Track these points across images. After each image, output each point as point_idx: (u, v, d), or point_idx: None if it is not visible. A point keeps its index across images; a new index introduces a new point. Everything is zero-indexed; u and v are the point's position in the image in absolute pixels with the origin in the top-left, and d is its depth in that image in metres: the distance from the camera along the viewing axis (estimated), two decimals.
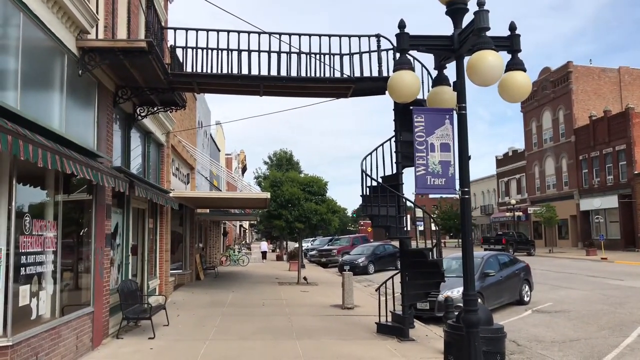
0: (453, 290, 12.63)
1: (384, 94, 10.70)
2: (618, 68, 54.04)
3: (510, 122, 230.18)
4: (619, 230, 45.27)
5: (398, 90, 5.83)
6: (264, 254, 45.41)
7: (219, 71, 10.05)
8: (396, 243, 42.40)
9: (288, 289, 19.09)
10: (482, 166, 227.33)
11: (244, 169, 70.24)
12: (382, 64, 10.24)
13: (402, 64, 5.92)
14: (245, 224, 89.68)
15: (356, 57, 10.44)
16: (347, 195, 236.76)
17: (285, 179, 21.40)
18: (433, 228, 12.49)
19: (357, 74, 10.20)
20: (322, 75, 10.08)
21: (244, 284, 21.08)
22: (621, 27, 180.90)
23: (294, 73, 10.04)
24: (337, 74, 10.12)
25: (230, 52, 10.19)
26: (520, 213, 55.86)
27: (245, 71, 10.02)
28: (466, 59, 5.97)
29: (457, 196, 5.82)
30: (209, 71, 10.03)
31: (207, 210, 25.81)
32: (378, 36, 10.23)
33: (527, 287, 15.21)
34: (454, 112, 5.93)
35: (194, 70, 10.06)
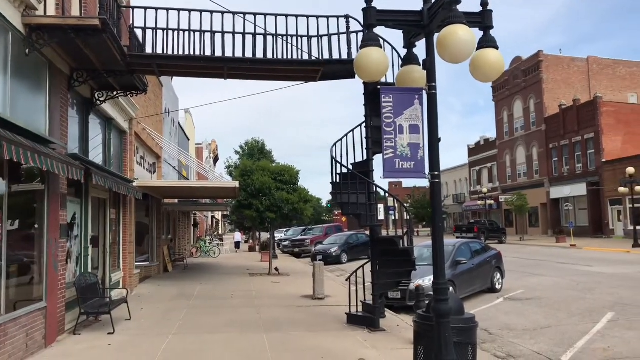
0: (424, 279, 12.43)
1: (354, 77, 10.35)
2: (587, 58, 54.73)
3: (483, 112, 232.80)
4: (587, 218, 46.03)
5: (365, 68, 5.47)
6: (237, 244, 44.91)
7: (182, 52, 9.55)
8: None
9: (259, 280, 18.72)
10: (454, 155, 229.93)
11: (215, 159, 69.29)
12: (352, 46, 9.88)
13: (369, 41, 5.56)
14: (218, 215, 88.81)
15: (325, 40, 10.07)
16: (321, 186, 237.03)
17: (256, 167, 20.95)
18: (404, 216, 12.29)
19: (326, 56, 9.82)
20: (290, 57, 9.67)
21: (214, 276, 20.63)
22: (591, 17, 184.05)
23: (260, 55, 9.61)
24: (306, 57, 9.72)
25: (192, 32, 9.69)
26: (492, 201, 56.45)
27: (208, 53, 9.55)
28: (436, 36, 5.65)
29: (427, 180, 5.51)
30: (169, 52, 9.52)
31: (176, 201, 25.21)
32: (347, 17, 9.85)
33: (498, 274, 15.13)
34: (424, 92, 5.61)
35: (154, 52, 9.53)
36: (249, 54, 9.59)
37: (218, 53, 9.54)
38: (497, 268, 15.14)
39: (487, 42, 5.65)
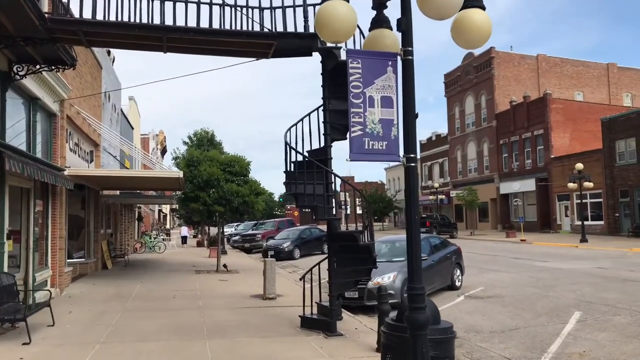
0: (384, 277, 11.63)
1: (311, 54, 9.36)
2: (536, 55, 55.61)
3: (432, 109, 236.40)
4: (536, 213, 46.76)
5: (329, 24, 4.48)
6: (183, 239, 43.23)
7: (114, 19, 8.26)
8: (323, 227, 41.54)
9: (205, 278, 17.50)
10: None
11: (163, 151, 66.90)
12: (309, 19, 8.84)
13: None
14: (166, 209, 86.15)
15: (279, 13, 8.99)
16: (273, 180, 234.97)
17: (203, 157, 19.66)
18: (359, 211, 11.42)
19: (280, 30, 8.76)
20: (239, 28, 8.55)
21: (156, 273, 19.24)
22: (537, 19, 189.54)
23: (204, 25, 8.44)
24: (257, 28, 8.63)
25: None
26: (443, 196, 56.76)
27: (145, 21, 8.30)
28: None
29: (402, 163, 4.57)
30: (99, 19, 8.21)
31: (117, 193, 23.55)
32: None
33: (458, 271, 14.50)
34: (399, 57, 4.65)
35: (81, 17, 8.21)
36: (192, 24, 8.42)
37: (157, 22, 8.32)
38: (457, 264, 14.51)
39: (471, 1, 4.73)
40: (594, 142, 41.47)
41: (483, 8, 4.77)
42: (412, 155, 4.57)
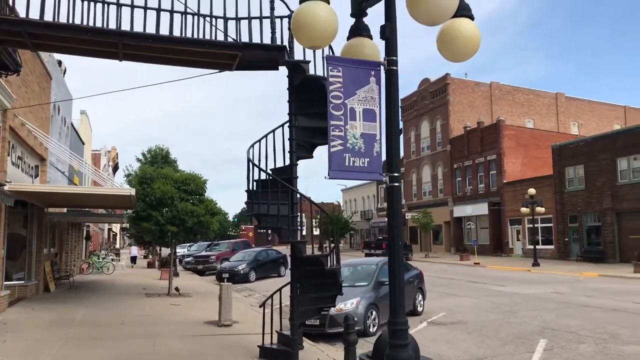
0: (346, 303, 11.16)
1: (277, 68, 8.94)
2: (490, 83, 57.17)
3: None
4: (488, 236, 47.45)
5: (308, 27, 4.06)
6: (133, 259, 41.64)
7: (65, 21, 7.60)
8: (280, 248, 40.62)
9: (156, 302, 16.57)
10: None
11: (115, 168, 64.76)
12: (276, 31, 8.44)
13: None
14: (116, 228, 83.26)
15: (244, 24, 8.55)
16: (228, 200, 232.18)
17: (157, 175, 18.78)
18: (316, 232, 10.98)
19: (246, 40, 8.30)
20: (202, 37, 8.05)
21: (104, 296, 18.12)
22: (489, 50, 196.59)
23: (164, 32, 7.90)
24: (221, 37, 8.14)
25: (80, 1, 7.79)
26: None
27: (99, 25, 7.69)
28: None
29: (384, 183, 4.16)
30: (49, 19, 7.54)
31: (64, 210, 22.29)
32: None
33: (420, 296, 14.19)
34: (382, 67, 4.27)
35: (27, 17, 7.52)
36: (151, 30, 7.86)
37: (112, 26, 7.72)
38: (419, 289, 14.21)
39: (460, 9, 4.41)
40: (545, 168, 42.61)
41: (472, 18, 4.47)
42: (395, 174, 4.18)
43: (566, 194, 38.01)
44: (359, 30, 4.92)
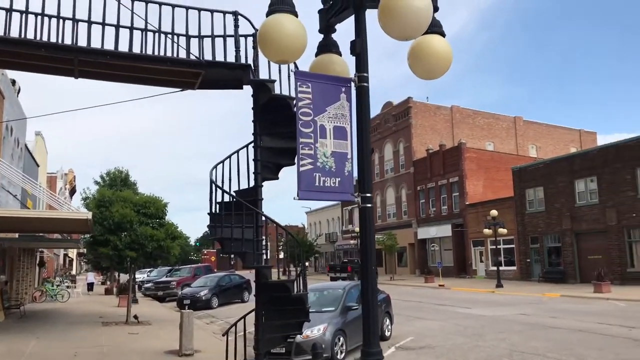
0: (313, 329, 10.81)
1: (242, 87, 8.69)
2: (451, 107, 58.29)
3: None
4: (452, 258, 47.79)
5: (276, 40, 3.85)
6: (90, 286, 40.23)
7: (18, 35, 7.19)
8: (243, 272, 39.83)
9: (113, 331, 15.84)
10: None
11: (72, 191, 62.85)
12: (241, 49, 8.22)
13: (282, 5, 3.96)
14: (73, 253, 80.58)
15: (208, 42, 8.30)
16: (191, 223, 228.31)
17: (115, 198, 18.16)
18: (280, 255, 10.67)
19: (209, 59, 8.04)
20: (162, 54, 7.75)
21: (57, 326, 17.24)
22: (447, 75, 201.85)
23: (124, 49, 7.57)
24: (183, 54, 7.86)
25: (33, 16, 7.41)
26: None
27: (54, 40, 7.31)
28: (369, 12, 4.22)
29: (357, 204, 3.94)
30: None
31: (16, 235, 21.29)
32: (236, 14, 8.21)
33: (388, 320, 13.96)
34: (352, 84, 4.08)
35: None
36: (109, 47, 7.52)
37: (68, 42, 7.35)
38: (386, 313, 13.98)
39: (432, 26, 4.27)
40: (505, 190, 43.37)
41: (443, 35, 4.34)
42: (367, 195, 3.97)
43: (527, 215, 38.69)
44: (327, 46, 4.74)
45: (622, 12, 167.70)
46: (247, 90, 8.58)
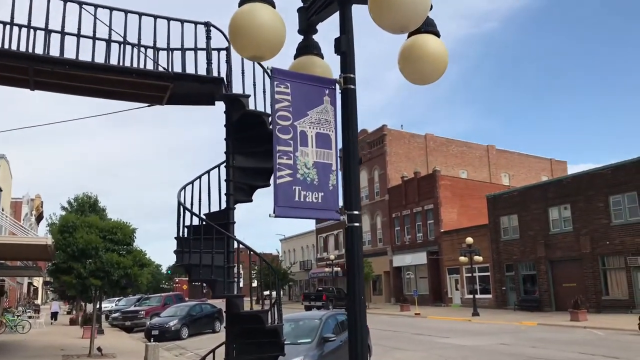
0: None
1: (214, 103, 8.18)
2: (425, 135, 58.67)
3: None
4: (427, 286, 47.35)
5: (249, 32, 3.35)
6: (53, 315, 38.54)
7: None
8: (215, 302, 38.72)
9: None
10: (301, 222, 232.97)
11: (39, 218, 60.87)
12: (213, 62, 7.72)
13: None
14: (38, 282, 77.77)
15: (177, 55, 7.80)
16: (162, 251, 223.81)
17: (80, 223, 17.25)
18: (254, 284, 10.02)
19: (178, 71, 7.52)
20: (128, 65, 7.19)
21: None
22: (421, 103, 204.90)
23: (86, 59, 7.01)
24: (150, 66, 7.32)
25: None
26: (338, 268, 56.21)
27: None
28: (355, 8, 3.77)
29: (343, 222, 3.42)
30: None
31: None
32: (208, 25, 7.72)
33: (367, 353, 13.27)
34: (337, 86, 3.60)
35: None
36: (70, 56, 6.94)
37: (23, 49, 6.75)
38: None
39: (425, 25, 3.84)
40: (479, 217, 43.37)
41: (438, 35, 3.91)
42: (355, 213, 3.44)
43: (502, 242, 38.62)
44: (308, 47, 4.26)
45: (590, 46, 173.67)
46: (222, 112, 8.05)
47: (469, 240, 35.15)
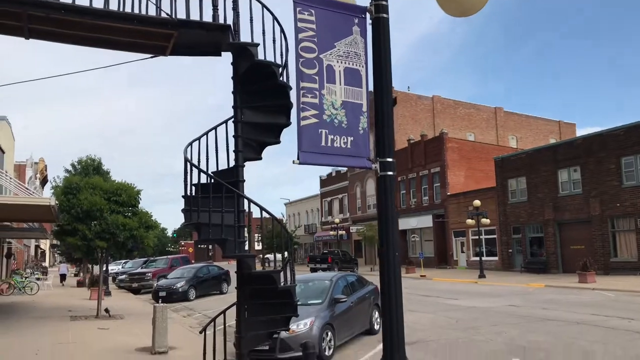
0: (299, 324, 9.94)
1: (220, 53, 7.68)
2: (432, 97, 57.77)
3: None
4: (433, 249, 47.34)
5: None
6: (62, 276, 38.82)
7: None
8: (221, 263, 38.78)
9: (82, 326, 14.75)
10: (305, 186, 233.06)
11: (44, 181, 60.78)
12: (219, 7, 7.20)
13: None
14: (45, 244, 78.47)
15: (181, 3, 7.26)
16: (167, 215, 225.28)
17: (84, 185, 16.94)
18: (257, 247, 9.74)
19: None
20: (129, 11, 6.69)
21: (20, 321, 16.05)
22: (428, 68, 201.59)
23: (83, 3, 6.51)
24: (153, 12, 6.82)
25: None
26: (343, 232, 56.26)
27: None
28: None
29: (374, 171, 3.02)
30: None
31: None
32: None
33: (377, 313, 13.12)
34: (368, 15, 3.14)
35: None
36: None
37: None
38: (375, 305, 13.13)
39: None
40: (487, 180, 42.98)
41: None
42: (389, 160, 3.04)
43: (509, 205, 38.30)
44: None
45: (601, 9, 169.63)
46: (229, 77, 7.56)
47: (477, 202, 34.80)
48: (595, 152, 31.22)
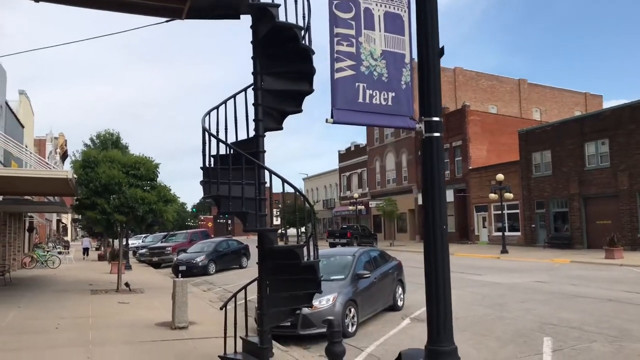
0: (321, 300, 9.66)
1: (239, 17, 7.27)
2: (454, 68, 56.40)
3: None
4: (454, 224, 46.75)
5: None
6: (85, 251, 39.32)
7: None
8: (241, 238, 38.75)
9: (102, 300, 14.71)
10: (323, 162, 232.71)
11: (64, 156, 61.33)
12: None
13: None
14: (67, 219, 79.61)
15: None
16: (186, 190, 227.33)
17: (102, 158, 16.74)
18: (276, 222, 9.40)
19: None
20: None
21: (43, 294, 16.11)
22: (448, 40, 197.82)
23: None
24: None
25: None
26: (362, 207, 55.90)
27: None
28: None
29: (418, 132, 2.60)
30: None
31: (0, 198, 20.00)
32: None
33: (400, 289, 12.81)
34: None
35: None
36: None
37: None
38: (399, 281, 12.83)
39: None
40: (509, 154, 42.08)
41: None
42: (435, 119, 2.62)
43: (533, 179, 37.51)
44: None
45: None
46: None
47: (500, 177, 34.04)
48: (625, 124, 30.20)
